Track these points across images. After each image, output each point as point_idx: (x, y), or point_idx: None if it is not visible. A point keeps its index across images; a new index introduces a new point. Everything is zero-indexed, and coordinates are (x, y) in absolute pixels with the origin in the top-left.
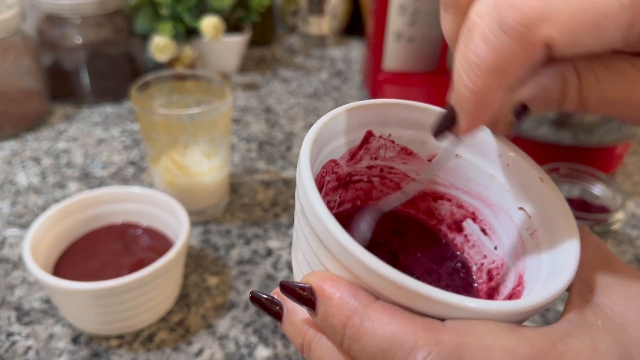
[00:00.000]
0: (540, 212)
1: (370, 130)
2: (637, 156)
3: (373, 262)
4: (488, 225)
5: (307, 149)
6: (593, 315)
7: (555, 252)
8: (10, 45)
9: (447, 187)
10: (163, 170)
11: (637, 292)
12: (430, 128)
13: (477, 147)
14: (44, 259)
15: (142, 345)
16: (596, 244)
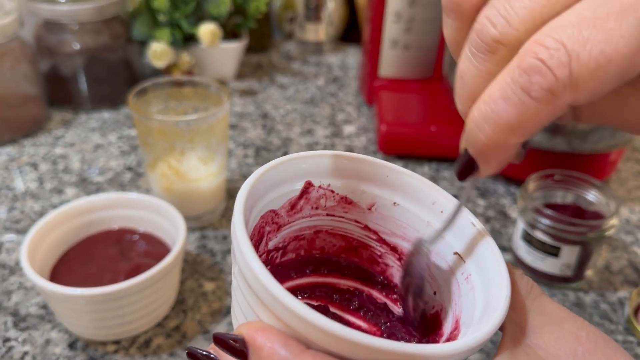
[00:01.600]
0: (474, 257)
1: (309, 180)
2: (631, 162)
3: (301, 310)
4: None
5: (242, 202)
6: (525, 357)
7: (487, 296)
8: (7, 51)
9: (387, 234)
10: (160, 176)
11: (569, 332)
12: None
13: (413, 194)
14: (41, 265)
15: (138, 350)
16: (529, 287)
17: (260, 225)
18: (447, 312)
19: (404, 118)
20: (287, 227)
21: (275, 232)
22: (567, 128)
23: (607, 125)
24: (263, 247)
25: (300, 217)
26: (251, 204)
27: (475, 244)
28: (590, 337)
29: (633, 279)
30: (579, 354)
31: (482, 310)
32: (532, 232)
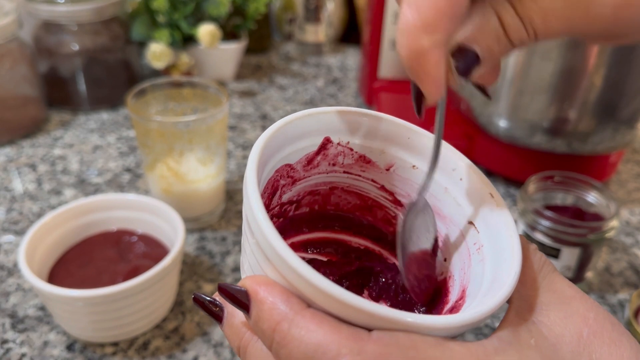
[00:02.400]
0: (488, 229)
1: (328, 136)
2: (631, 164)
3: (305, 270)
4: (440, 236)
5: (255, 157)
6: (527, 334)
7: (496, 270)
8: (6, 52)
9: (403, 196)
10: (159, 178)
11: (577, 312)
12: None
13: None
14: (39, 266)
15: (136, 352)
16: (542, 263)
17: (275, 179)
18: (455, 281)
19: (403, 119)
20: (302, 181)
21: (290, 186)
22: (568, 129)
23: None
24: (277, 199)
25: (317, 172)
26: (266, 158)
27: (491, 216)
28: (599, 319)
29: (633, 281)
30: (584, 335)
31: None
32: (532, 234)
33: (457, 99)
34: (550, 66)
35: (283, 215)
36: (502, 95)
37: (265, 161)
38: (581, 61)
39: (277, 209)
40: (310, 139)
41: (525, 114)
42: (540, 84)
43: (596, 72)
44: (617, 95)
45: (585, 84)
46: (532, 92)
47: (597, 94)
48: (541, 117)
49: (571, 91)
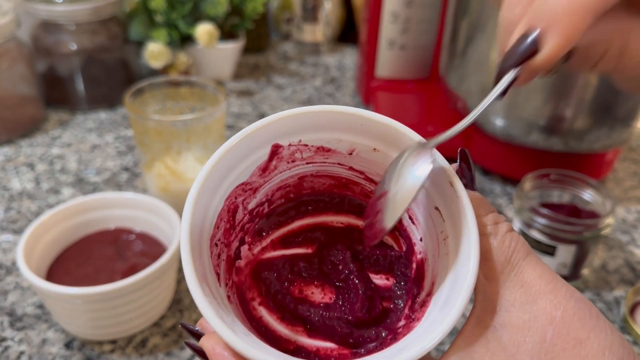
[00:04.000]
0: (451, 219)
1: (277, 142)
2: (627, 162)
3: (236, 344)
4: (414, 215)
5: (186, 226)
6: (483, 349)
7: (455, 274)
8: (4, 51)
9: (374, 175)
10: (156, 176)
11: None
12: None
13: (391, 142)
14: (37, 264)
15: (135, 350)
16: (512, 250)
17: (228, 205)
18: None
19: (400, 118)
20: (264, 185)
21: (252, 196)
22: (564, 127)
23: None
24: (241, 213)
25: (277, 172)
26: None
27: (453, 206)
28: (566, 316)
29: (629, 278)
30: (548, 338)
31: (449, 291)
32: (528, 232)
33: (455, 97)
34: None
35: (258, 216)
36: None
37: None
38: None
39: (247, 217)
40: (256, 154)
41: (521, 113)
42: (537, 83)
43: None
44: (613, 93)
45: (582, 82)
46: (528, 90)
47: (593, 93)
48: (538, 116)
49: (567, 90)
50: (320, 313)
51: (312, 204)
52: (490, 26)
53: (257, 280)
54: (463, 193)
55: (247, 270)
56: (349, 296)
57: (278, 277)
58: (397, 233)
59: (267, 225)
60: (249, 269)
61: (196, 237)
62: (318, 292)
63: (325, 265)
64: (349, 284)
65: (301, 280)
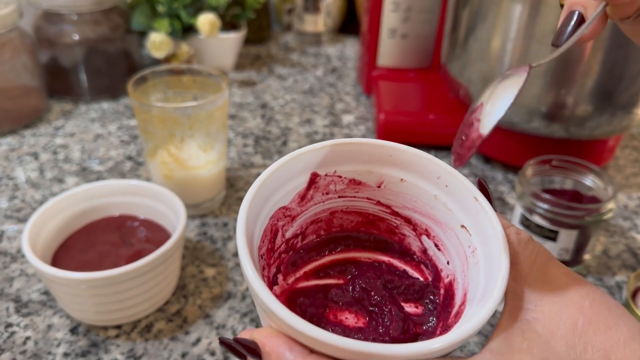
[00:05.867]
0: (478, 231)
1: (315, 171)
2: (629, 150)
3: (299, 325)
4: (440, 241)
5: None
6: (519, 337)
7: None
8: (7, 41)
9: (400, 207)
10: (160, 164)
11: (571, 301)
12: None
13: (418, 171)
14: (42, 251)
15: (139, 335)
16: (535, 254)
17: (272, 224)
18: (459, 284)
19: (402, 107)
20: (301, 215)
21: (290, 223)
22: (565, 114)
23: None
24: (280, 239)
25: (313, 204)
26: (254, 214)
27: (478, 219)
28: (594, 305)
29: (631, 264)
30: (579, 325)
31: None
32: (530, 217)
33: (456, 86)
34: (547, 51)
35: (292, 249)
36: None
37: (256, 216)
38: (579, 46)
39: (284, 246)
40: (297, 180)
41: (523, 100)
42: (538, 69)
43: (593, 57)
44: (614, 80)
45: (583, 69)
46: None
47: (594, 79)
48: (539, 103)
49: (569, 76)
50: (357, 336)
51: (341, 241)
52: (491, 15)
53: (293, 305)
54: (487, 205)
55: (283, 297)
56: (382, 320)
57: (313, 302)
58: (423, 266)
59: (299, 259)
60: (284, 296)
61: (249, 234)
62: (352, 318)
63: (358, 292)
64: (382, 308)
65: (335, 307)
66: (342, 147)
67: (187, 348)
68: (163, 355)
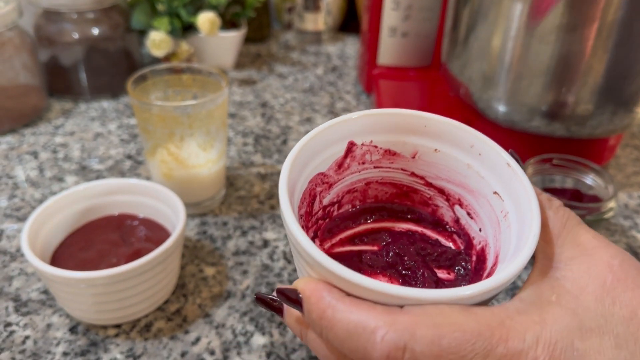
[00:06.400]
0: (510, 195)
1: (352, 140)
2: (629, 149)
3: (338, 269)
4: (472, 209)
5: (284, 179)
6: (549, 291)
7: (520, 234)
8: (6, 40)
9: (433, 178)
10: (160, 163)
11: (600, 261)
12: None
13: (452, 140)
14: (41, 250)
15: (139, 334)
16: (565, 218)
17: (311, 188)
18: (490, 248)
19: (402, 105)
20: (338, 183)
21: (327, 190)
22: (566, 113)
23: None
24: (318, 204)
25: (349, 173)
26: (295, 175)
27: (511, 184)
28: (624, 265)
29: None
30: (608, 281)
31: (515, 247)
32: None
33: (457, 84)
34: (548, 50)
35: (328, 216)
36: (501, 80)
37: (296, 178)
38: (580, 44)
39: (321, 213)
40: (335, 147)
41: (523, 98)
42: (539, 68)
43: (595, 55)
44: (616, 78)
45: (584, 67)
46: (530, 76)
47: (595, 78)
48: (540, 101)
49: (569, 75)
50: None
51: (375, 211)
52: (492, 13)
53: None
54: (520, 171)
55: None
56: (415, 282)
57: (348, 266)
58: (455, 236)
59: (335, 227)
60: None
61: (290, 195)
62: (386, 280)
63: (391, 257)
64: (415, 272)
65: (369, 270)
66: (379, 117)
67: (187, 347)
68: (162, 354)
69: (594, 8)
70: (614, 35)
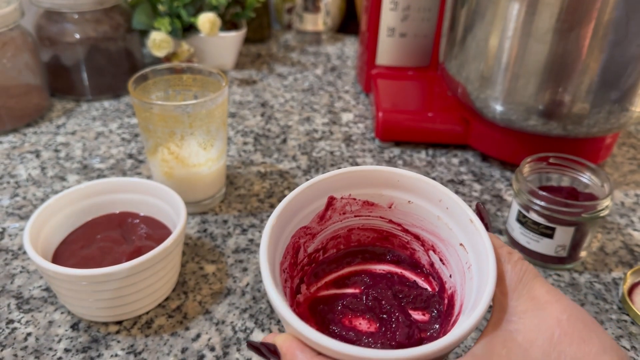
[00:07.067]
0: (473, 249)
1: (332, 195)
2: (626, 147)
3: (307, 332)
4: (444, 256)
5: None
6: (500, 345)
7: (479, 289)
8: (8, 40)
9: (409, 226)
10: (160, 161)
11: (550, 316)
12: None
13: (422, 194)
14: (43, 248)
15: (140, 331)
16: (523, 272)
17: (294, 242)
18: (458, 295)
19: (400, 105)
20: (321, 233)
21: (311, 240)
22: (563, 112)
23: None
24: (302, 253)
25: (331, 223)
26: (276, 236)
27: (474, 239)
28: (571, 320)
29: (627, 260)
30: (555, 336)
31: (473, 303)
32: (527, 214)
33: (455, 84)
34: (545, 49)
35: (314, 261)
36: (498, 80)
37: (277, 237)
38: (576, 44)
39: (306, 260)
40: (316, 203)
41: (520, 98)
42: (536, 68)
43: (591, 54)
44: (611, 77)
45: (580, 66)
46: (527, 75)
47: (591, 77)
48: (536, 100)
49: (566, 74)
50: (367, 340)
51: (359, 254)
52: (489, 13)
53: (314, 312)
54: (481, 227)
55: (305, 304)
56: (391, 326)
57: (331, 309)
58: (431, 278)
59: (321, 270)
60: (306, 303)
61: (271, 253)
62: (365, 323)
63: (370, 301)
64: (391, 316)
65: (350, 313)
66: (356, 173)
67: (187, 344)
68: (163, 350)
69: (590, 8)
70: (610, 35)
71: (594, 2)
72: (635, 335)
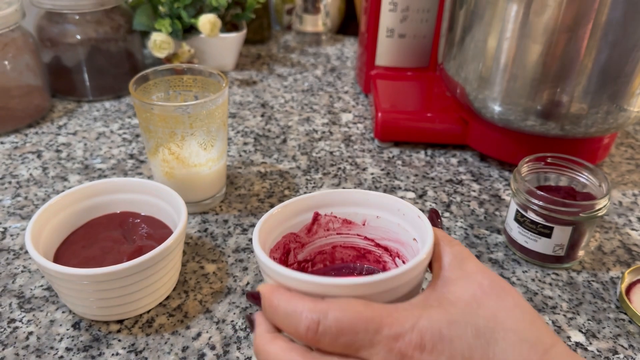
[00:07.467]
0: (421, 237)
1: (317, 211)
2: (623, 147)
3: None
4: (405, 258)
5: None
6: (432, 298)
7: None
8: (10, 41)
9: (380, 239)
10: (161, 162)
11: (474, 281)
12: None
13: (386, 207)
14: (44, 247)
15: (141, 330)
16: (459, 252)
17: (285, 242)
18: None
19: (399, 106)
20: (309, 245)
21: (301, 249)
22: (560, 112)
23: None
24: (293, 258)
25: (317, 237)
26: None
27: (421, 229)
28: (492, 284)
29: (625, 260)
30: (478, 295)
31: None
32: (525, 213)
33: (453, 85)
34: (543, 50)
35: (303, 271)
36: (496, 80)
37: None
38: (573, 45)
39: (296, 266)
40: (304, 215)
41: (518, 98)
42: (534, 68)
43: (589, 54)
44: (610, 78)
45: (578, 67)
46: (525, 76)
47: (589, 77)
48: (534, 101)
49: (564, 74)
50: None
51: (342, 269)
52: (487, 14)
53: None
54: (426, 220)
55: None
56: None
57: None
58: None
59: None
60: None
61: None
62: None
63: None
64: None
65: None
66: (335, 194)
67: (188, 342)
68: (164, 349)
69: (588, 9)
70: (608, 36)
71: (592, 3)
72: (633, 333)
